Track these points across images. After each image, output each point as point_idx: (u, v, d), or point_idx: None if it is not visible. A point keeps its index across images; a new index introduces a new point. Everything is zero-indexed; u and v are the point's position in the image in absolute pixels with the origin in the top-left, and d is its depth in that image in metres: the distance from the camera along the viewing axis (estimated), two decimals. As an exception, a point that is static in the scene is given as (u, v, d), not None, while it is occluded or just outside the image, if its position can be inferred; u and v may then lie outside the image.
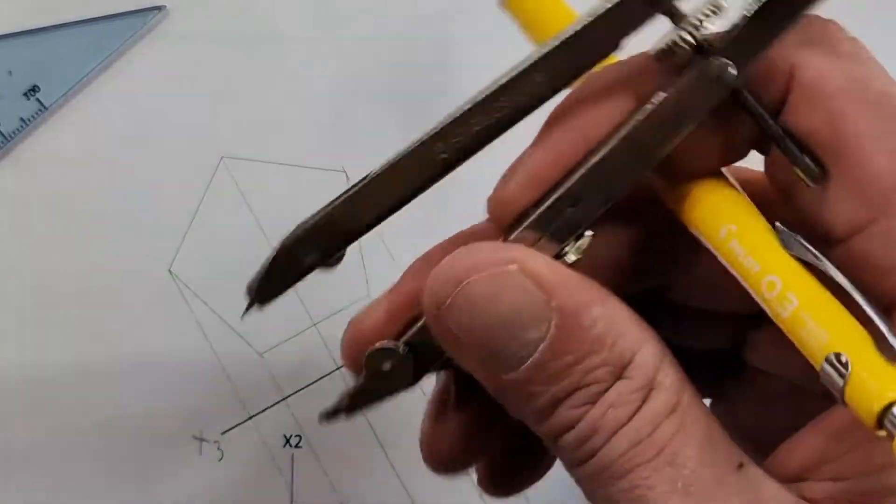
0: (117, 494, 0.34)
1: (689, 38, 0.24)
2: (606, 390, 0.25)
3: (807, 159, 0.24)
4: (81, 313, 0.35)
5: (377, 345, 0.26)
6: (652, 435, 0.25)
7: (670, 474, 0.25)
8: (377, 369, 0.26)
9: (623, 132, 0.24)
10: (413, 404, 0.35)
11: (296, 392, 0.35)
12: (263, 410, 0.35)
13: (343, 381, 0.36)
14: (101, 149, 0.37)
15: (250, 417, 0.35)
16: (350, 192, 0.25)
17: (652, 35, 0.24)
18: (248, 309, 0.27)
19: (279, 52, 0.37)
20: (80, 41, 0.37)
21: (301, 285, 0.36)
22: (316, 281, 0.36)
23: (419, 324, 0.26)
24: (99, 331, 0.35)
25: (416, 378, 0.27)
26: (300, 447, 0.35)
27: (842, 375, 0.22)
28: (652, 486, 0.25)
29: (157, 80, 0.37)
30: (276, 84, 0.37)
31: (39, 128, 0.36)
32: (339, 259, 0.26)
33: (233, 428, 0.35)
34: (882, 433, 0.21)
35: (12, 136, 0.36)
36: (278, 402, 0.35)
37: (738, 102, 0.24)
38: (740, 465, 0.25)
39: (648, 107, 0.24)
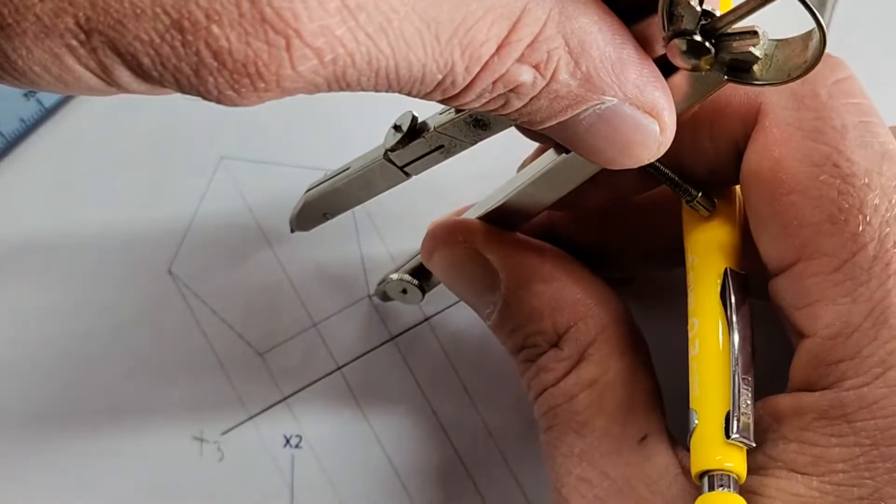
0: (116, 495, 0.34)
1: None
2: (541, 355, 0.29)
3: (698, 199, 0.28)
4: (81, 313, 0.35)
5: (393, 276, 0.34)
6: (568, 403, 0.28)
7: (574, 440, 0.28)
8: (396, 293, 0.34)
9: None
10: (413, 405, 0.35)
11: (296, 392, 0.35)
12: (263, 411, 0.35)
13: (343, 382, 0.36)
14: (100, 149, 0.37)
15: (250, 418, 0.35)
16: (349, 177, 0.32)
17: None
18: (292, 231, 0.35)
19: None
20: (79, 41, 0.37)
21: (301, 286, 0.36)
22: (316, 281, 0.36)
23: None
24: (98, 331, 0.35)
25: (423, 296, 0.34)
26: (300, 447, 0.35)
27: (693, 428, 0.26)
28: (557, 447, 0.29)
29: (156, 80, 0.37)
30: (276, 84, 0.37)
31: (39, 128, 0.36)
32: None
33: (233, 428, 0.35)
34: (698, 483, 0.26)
35: (12, 136, 0.36)
36: (278, 402, 0.35)
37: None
38: (643, 438, 0.28)
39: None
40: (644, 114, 0.23)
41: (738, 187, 0.29)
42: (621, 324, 0.29)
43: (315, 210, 0.34)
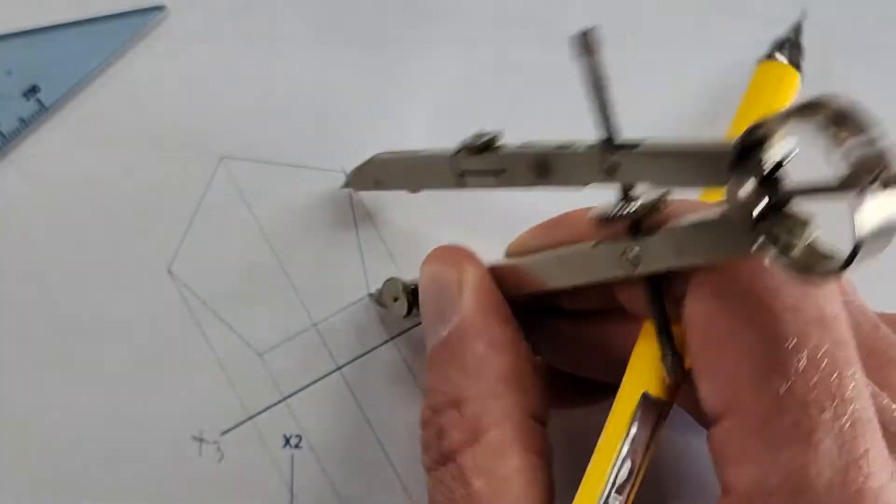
0: (115, 496, 0.34)
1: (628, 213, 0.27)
2: (446, 407, 0.29)
3: (669, 359, 0.27)
4: (79, 314, 0.35)
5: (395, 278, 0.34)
6: (466, 489, 0.28)
7: None
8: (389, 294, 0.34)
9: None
10: (413, 406, 0.35)
11: (296, 392, 0.35)
12: (263, 411, 0.35)
13: (343, 382, 0.36)
14: (100, 149, 0.37)
15: (250, 418, 0.35)
16: (415, 159, 0.33)
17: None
18: (345, 186, 0.36)
19: (279, 52, 0.37)
20: (80, 41, 0.37)
21: (301, 286, 0.36)
22: (316, 281, 0.36)
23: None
24: (97, 331, 0.35)
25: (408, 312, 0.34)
26: (300, 447, 0.35)
27: None
28: None
29: (157, 80, 0.37)
30: (276, 84, 0.37)
31: (39, 128, 0.36)
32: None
33: (232, 428, 0.35)
34: None
35: (12, 136, 0.36)
36: (278, 402, 0.35)
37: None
38: None
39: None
40: None
41: None
42: (530, 420, 0.29)
43: (371, 172, 0.34)
